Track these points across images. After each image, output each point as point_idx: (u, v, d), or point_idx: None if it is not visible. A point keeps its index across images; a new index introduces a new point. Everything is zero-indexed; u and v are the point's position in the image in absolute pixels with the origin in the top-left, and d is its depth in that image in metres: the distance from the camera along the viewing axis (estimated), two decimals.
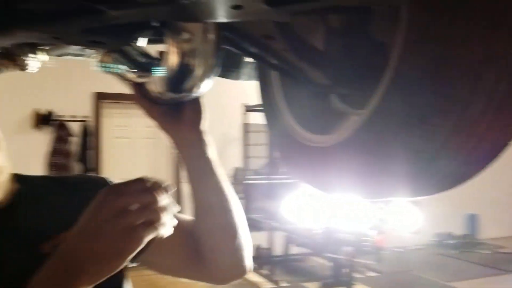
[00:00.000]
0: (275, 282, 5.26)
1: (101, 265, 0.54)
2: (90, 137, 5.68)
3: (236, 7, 0.54)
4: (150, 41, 0.78)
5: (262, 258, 5.55)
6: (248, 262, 0.91)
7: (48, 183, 0.83)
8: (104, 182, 0.85)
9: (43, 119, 5.45)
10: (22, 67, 0.89)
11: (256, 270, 5.63)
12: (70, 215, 0.60)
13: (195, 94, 0.82)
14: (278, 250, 5.83)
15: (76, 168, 5.56)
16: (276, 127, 1.16)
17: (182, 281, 1.00)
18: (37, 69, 0.91)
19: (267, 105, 1.19)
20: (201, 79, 0.77)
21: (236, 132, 6.23)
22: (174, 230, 0.59)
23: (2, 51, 0.88)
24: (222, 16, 0.56)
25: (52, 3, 0.57)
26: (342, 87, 0.90)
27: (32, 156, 5.27)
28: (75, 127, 5.60)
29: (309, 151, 1.05)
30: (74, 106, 5.60)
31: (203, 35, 0.69)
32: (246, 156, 6.32)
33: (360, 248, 4.78)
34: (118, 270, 0.55)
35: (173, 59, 0.73)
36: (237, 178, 6.14)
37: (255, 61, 1.10)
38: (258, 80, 1.22)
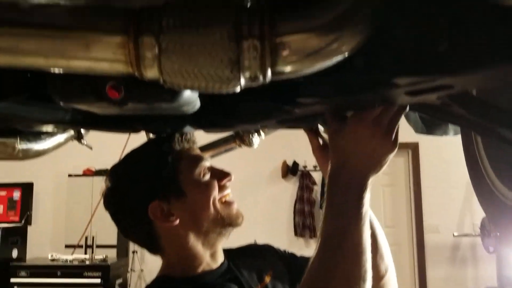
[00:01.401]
0: None
1: (373, 165, 0.76)
2: None
3: (384, 99, 0.65)
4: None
5: None
6: None
7: (231, 251, 1.09)
8: (269, 247, 1.15)
9: (290, 169, 6.13)
10: (250, 144, 1.18)
11: None
12: (259, 269, 1.02)
13: None
14: None
15: (318, 214, 6.00)
16: (481, 186, 1.13)
17: None
18: (258, 145, 1.19)
19: (470, 162, 1.17)
20: None
21: None
22: None
23: (236, 134, 1.19)
24: (375, 105, 0.68)
25: (258, 107, 0.79)
26: None
27: (281, 203, 5.97)
28: (317, 176, 6.11)
29: None
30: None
31: None
32: None
33: None
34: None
35: None
36: None
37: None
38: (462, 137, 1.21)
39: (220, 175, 0.99)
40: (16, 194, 4.93)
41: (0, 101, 0.77)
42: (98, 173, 6.13)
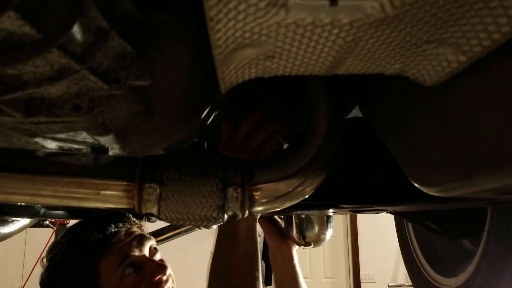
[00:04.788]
0: None
1: None
2: None
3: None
4: None
5: None
6: None
7: None
8: None
9: None
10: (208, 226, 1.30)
11: None
12: None
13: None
14: None
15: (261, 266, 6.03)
16: (411, 266, 1.29)
17: None
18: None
19: (403, 246, 1.34)
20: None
21: None
22: None
23: None
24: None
25: None
26: (449, 233, 1.04)
27: None
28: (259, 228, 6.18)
29: None
30: None
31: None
32: None
33: None
34: None
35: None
36: None
37: None
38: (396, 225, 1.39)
39: (152, 271, 0.94)
40: None
41: None
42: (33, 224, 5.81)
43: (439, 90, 0.42)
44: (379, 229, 5.74)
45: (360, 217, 6.19)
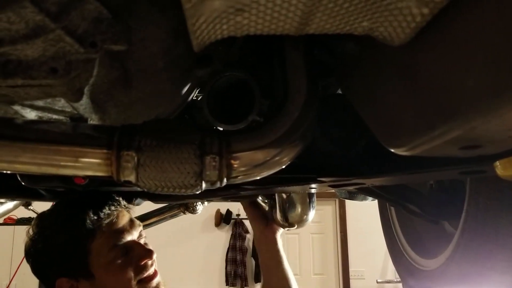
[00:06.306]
0: None
1: None
2: None
3: (311, 189, 0.80)
4: None
5: None
6: None
7: None
8: None
9: (224, 218, 6.20)
10: (194, 211, 1.30)
11: None
12: None
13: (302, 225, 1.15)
14: None
15: (250, 263, 6.06)
16: (394, 249, 1.31)
17: None
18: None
19: (385, 227, 1.35)
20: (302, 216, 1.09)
21: None
22: None
23: (181, 203, 1.30)
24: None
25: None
26: (430, 215, 1.06)
27: (214, 251, 5.97)
28: (250, 224, 6.20)
29: (421, 274, 1.16)
30: None
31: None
32: None
33: None
34: None
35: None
36: None
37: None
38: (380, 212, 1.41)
39: (139, 255, 0.97)
40: None
41: None
42: (20, 222, 5.78)
43: (405, 50, 0.43)
44: (368, 226, 5.77)
45: (350, 214, 6.23)
